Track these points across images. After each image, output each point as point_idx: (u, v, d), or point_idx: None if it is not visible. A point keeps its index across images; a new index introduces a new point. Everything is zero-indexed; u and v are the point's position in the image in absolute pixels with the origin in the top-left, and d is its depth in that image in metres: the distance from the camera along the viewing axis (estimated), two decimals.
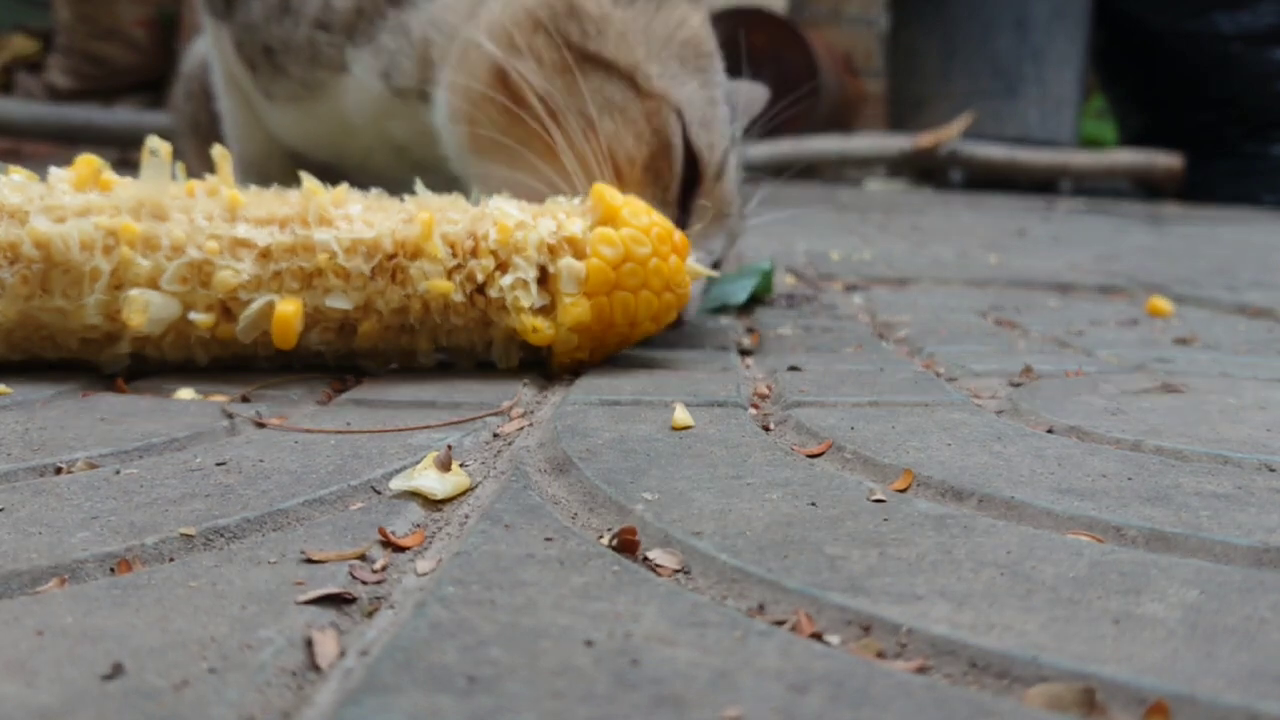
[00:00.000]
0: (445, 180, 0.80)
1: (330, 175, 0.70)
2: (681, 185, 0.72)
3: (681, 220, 0.73)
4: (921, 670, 0.27)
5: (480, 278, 0.58)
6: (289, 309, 0.56)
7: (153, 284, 0.56)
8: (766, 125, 0.87)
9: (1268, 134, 3.28)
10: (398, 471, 0.42)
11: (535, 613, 0.29)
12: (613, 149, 0.70)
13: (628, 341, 0.63)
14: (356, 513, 0.37)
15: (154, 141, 0.59)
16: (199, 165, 1.13)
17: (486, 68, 0.73)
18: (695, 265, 0.64)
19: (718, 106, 0.75)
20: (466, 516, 0.38)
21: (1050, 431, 0.51)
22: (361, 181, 0.67)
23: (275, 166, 0.99)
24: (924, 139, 3.13)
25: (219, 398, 0.54)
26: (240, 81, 0.95)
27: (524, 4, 0.73)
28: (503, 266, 0.59)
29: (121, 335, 0.57)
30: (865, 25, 4.66)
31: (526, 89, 0.70)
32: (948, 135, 3.13)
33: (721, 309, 0.90)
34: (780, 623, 0.29)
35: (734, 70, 0.82)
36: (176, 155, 0.61)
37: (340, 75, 0.85)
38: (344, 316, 0.58)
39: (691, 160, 0.72)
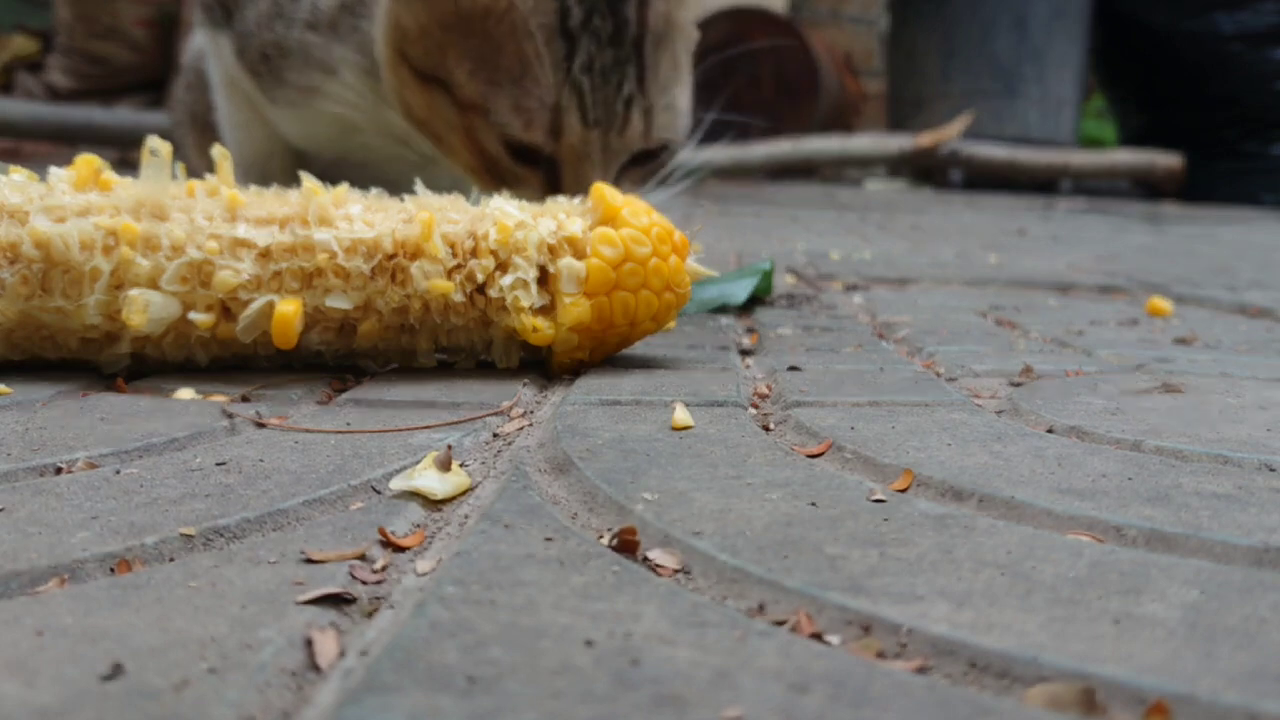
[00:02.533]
0: (453, 174, 0.80)
1: (337, 173, 0.70)
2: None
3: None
4: (921, 670, 0.27)
5: (480, 278, 0.58)
6: (289, 309, 0.56)
7: (153, 284, 0.56)
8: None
9: (1268, 134, 3.29)
10: (398, 471, 0.42)
11: (535, 613, 0.29)
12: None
13: (628, 341, 0.63)
14: (356, 513, 0.37)
15: (154, 141, 0.59)
16: (199, 158, 1.13)
17: (387, 60, 0.78)
18: (695, 265, 0.64)
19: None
20: (466, 516, 0.38)
21: (1050, 431, 0.51)
22: (369, 178, 0.68)
23: (276, 167, 0.99)
24: (924, 139, 3.13)
25: (219, 398, 0.54)
26: (243, 86, 0.95)
27: (394, 17, 0.76)
28: (503, 266, 0.59)
29: (121, 335, 0.57)
30: (865, 25, 4.67)
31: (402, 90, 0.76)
32: (948, 135, 3.13)
33: (721, 309, 0.90)
34: (780, 623, 0.29)
35: (735, 70, 0.83)
36: (176, 151, 0.61)
37: (331, 77, 0.85)
38: (344, 316, 0.58)
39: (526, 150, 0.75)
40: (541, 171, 0.77)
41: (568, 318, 0.59)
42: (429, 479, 0.40)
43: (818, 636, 0.28)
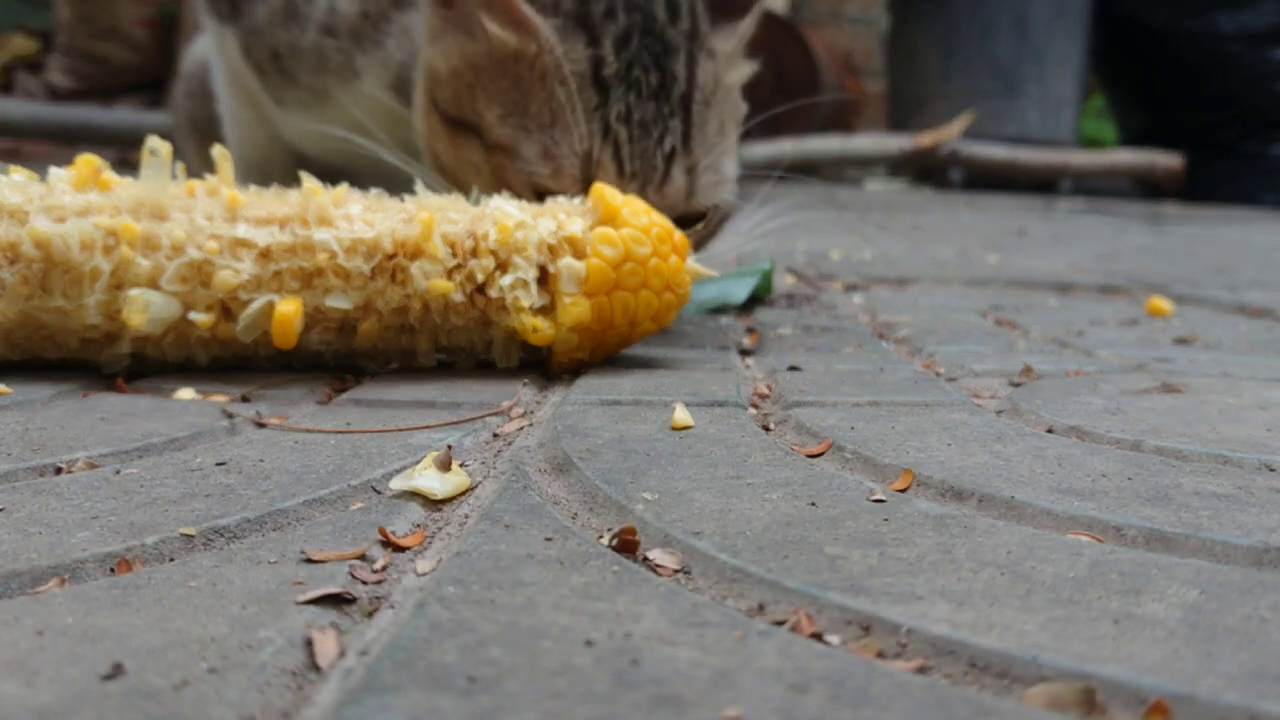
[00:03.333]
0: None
1: (339, 175, 0.70)
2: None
3: None
4: (921, 670, 0.27)
5: (480, 278, 0.58)
6: (289, 309, 0.56)
7: (153, 284, 0.56)
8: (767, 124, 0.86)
9: (1268, 134, 3.29)
10: (398, 471, 0.42)
11: (535, 612, 0.29)
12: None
13: (628, 341, 0.63)
14: (356, 513, 0.37)
15: (154, 141, 0.59)
16: (199, 163, 1.13)
17: (419, 107, 0.76)
18: (695, 265, 0.64)
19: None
20: (466, 516, 0.38)
21: (1050, 431, 0.51)
22: (375, 184, 0.68)
23: (278, 167, 0.98)
24: (924, 139, 3.13)
25: (219, 398, 0.54)
26: (247, 84, 0.94)
27: (429, 61, 0.74)
28: (503, 266, 0.59)
29: (121, 335, 0.57)
30: (865, 25, 4.67)
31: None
32: (948, 135, 3.14)
33: (721, 309, 0.90)
34: (780, 623, 0.29)
35: None
36: (176, 154, 0.61)
37: (349, 83, 0.84)
38: (344, 316, 0.58)
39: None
40: None
41: (568, 318, 0.59)
42: (429, 479, 0.40)
43: (818, 636, 0.28)
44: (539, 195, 0.72)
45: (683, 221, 0.74)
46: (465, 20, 0.71)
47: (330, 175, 0.67)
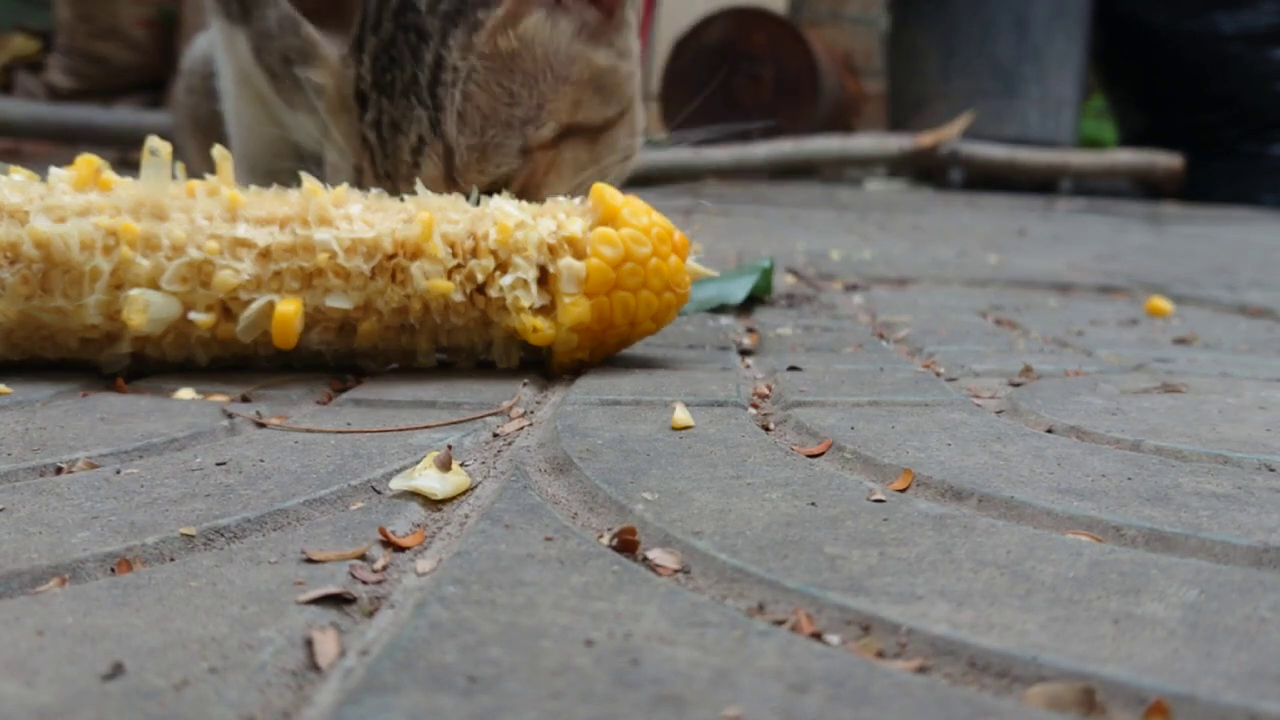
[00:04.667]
0: None
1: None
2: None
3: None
4: (921, 670, 0.27)
5: (480, 278, 0.58)
6: (289, 309, 0.56)
7: (153, 284, 0.56)
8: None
9: (1268, 134, 3.29)
10: (398, 471, 0.42)
11: (535, 612, 0.29)
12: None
13: (628, 341, 0.63)
14: (357, 513, 0.37)
15: (154, 141, 0.59)
16: (199, 161, 1.13)
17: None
18: (695, 265, 0.64)
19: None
20: (466, 516, 0.38)
21: (1050, 431, 0.51)
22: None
23: (282, 167, 0.98)
24: (924, 139, 3.13)
25: (219, 398, 0.54)
26: (257, 85, 0.94)
27: None
28: (503, 266, 0.59)
29: (121, 335, 0.57)
30: (865, 25, 4.67)
31: None
32: (948, 135, 3.14)
33: (721, 308, 0.90)
34: (780, 622, 0.29)
35: (734, 69, 0.82)
36: (176, 153, 0.61)
37: None
38: (344, 316, 0.58)
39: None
40: None
41: (568, 318, 0.59)
42: (429, 479, 0.40)
43: (817, 636, 0.28)
44: None
45: (491, 190, 0.76)
46: None
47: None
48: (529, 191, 0.79)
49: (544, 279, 0.59)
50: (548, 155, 0.79)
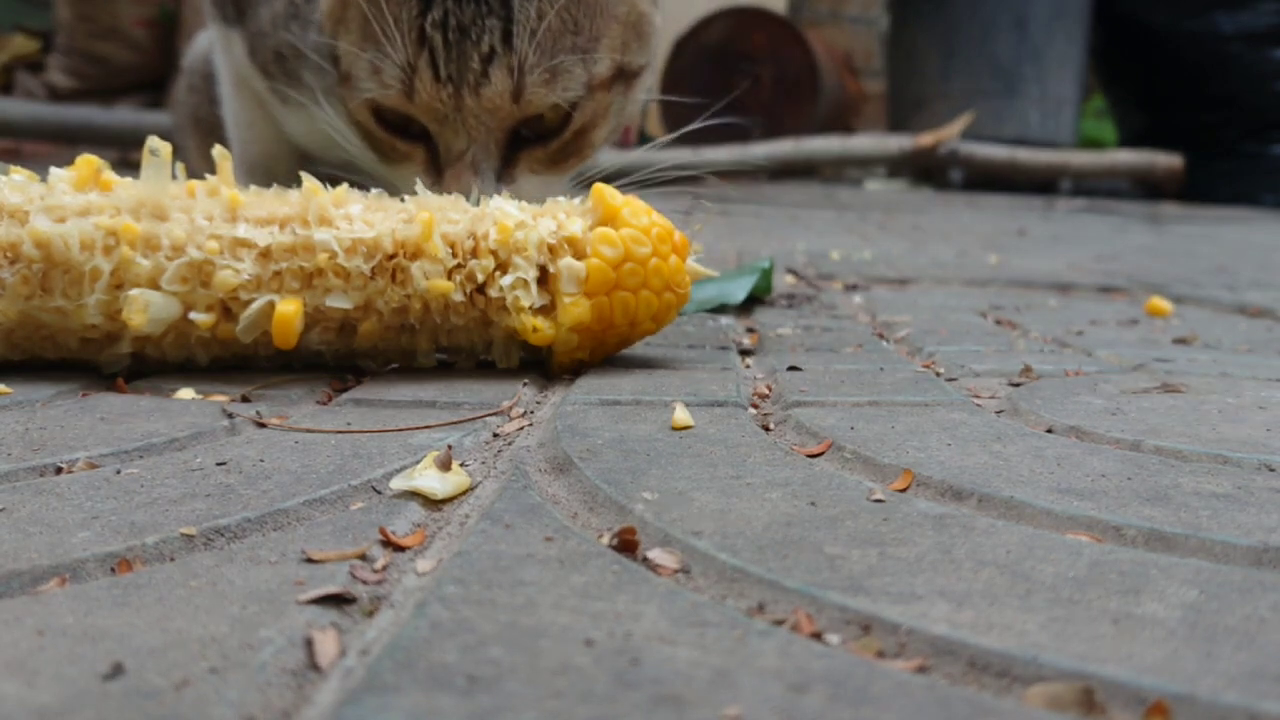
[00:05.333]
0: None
1: (342, 177, 0.70)
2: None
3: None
4: (921, 670, 0.27)
5: (480, 277, 0.58)
6: (289, 309, 0.56)
7: (153, 284, 0.56)
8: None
9: (1268, 134, 3.29)
10: (398, 471, 0.42)
11: (535, 612, 0.29)
12: None
13: (628, 341, 0.63)
14: (357, 512, 0.37)
15: (154, 141, 0.59)
16: (200, 160, 1.13)
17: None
18: (695, 265, 0.64)
19: None
20: (467, 516, 0.38)
21: (1050, 431, 0.51)
22: (377, 185, 0.68)
23: (282, 168, 0.98)
24: (924, 139, 3.13)
25: (219, 398, 0.54)
26: (253, 85, 0.94)
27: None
28: (503, 266, 0.59)
29: (122, 335, 0.57)
30: (865, 25, 4.67)
31: None
32: (948, 135, 3.14)
33: (721, 308, 0.90)
34: (780, 622, 0.29)
35: (734, 69, 0.82)
36: (177, 152, 0.61)
37: None
38: (344, 316, 0.58)
39: None
40: (422, 147, 0.75)
41: (568, 318, 0.59)
42: (429, 479, 0.40)
43: (817, 636, 0.28)
44: (384, 123, 0.73)
45: (535, 135, 0.74)
46: None
47: (334, 176, 0.67)
48: (582, 135, 0.77)
49: (544, 279, 0.59)
50: (604, 97, 0.78)
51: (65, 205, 0.56)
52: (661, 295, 0.61)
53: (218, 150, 0.61)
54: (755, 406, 0.56)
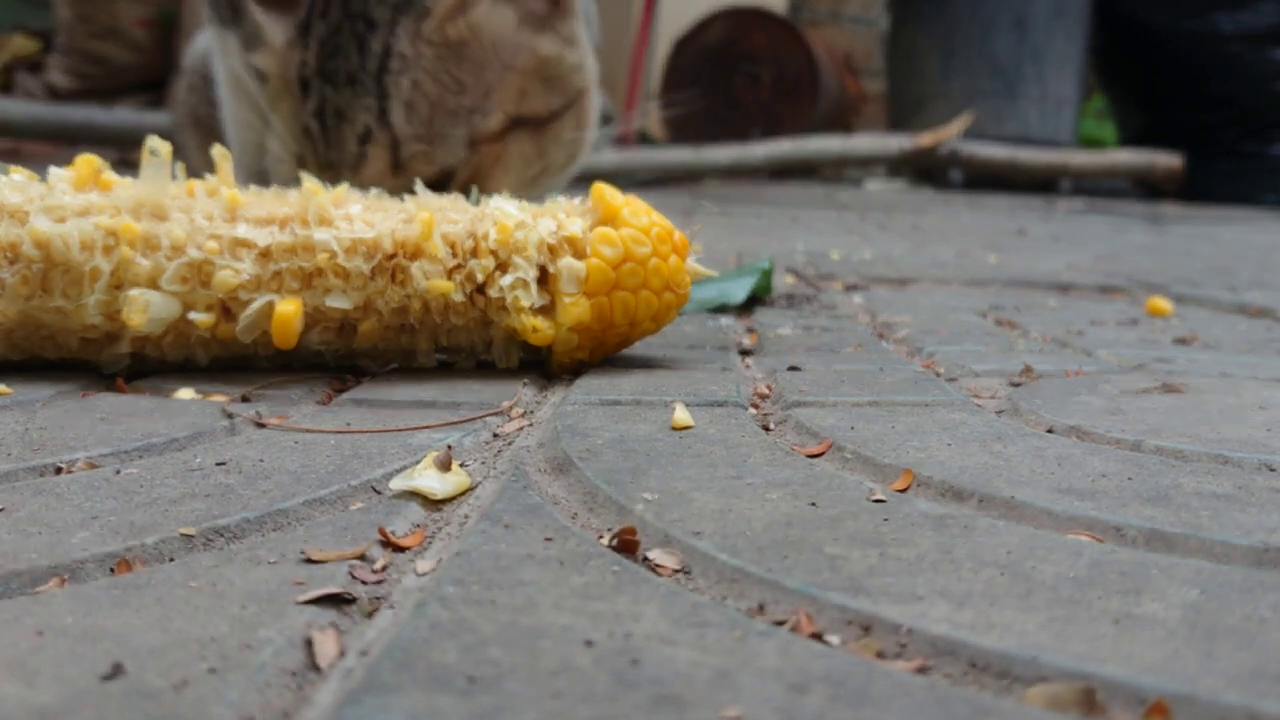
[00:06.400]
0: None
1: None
2: None
3: None
4: (921, 670, 0.27)
5: (480, 278, 0.58)
6: (289, 309, 0.56)
7: (153, 284, 0.56)
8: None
9: (1268, 134, 3.29)
10: (398, 471, 0.42)
11: (535, 612, 0.29)
12: None
13: (628, 341, 0.63)
14: (356, 513, 0.37)
15: (154, 141, 0.59)
16: (200, 160, 1.13)
17: None
18: (695, 265, 0.64)
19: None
20: (466, 516, 0.38)
21: (1050, 431, 0.51)
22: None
23: (282, 169, 0.98)
24: (924, 139, 3.13)
25: (219, 398, 0.54)
26: (247, 86, 0.94)
27: None
28: (503, 266, 0.59)
29: (121, 335, 0.57)
30: (865, 25, 4.67)
31: None
32: (948, 135, 3.14)
33: (721, 308, 0.90)
34: (780, 623, 0.29)
35: (734, 70, 0.82)
36: (177, 152, 0.61)
37: None
38: (344, 316, 0.58)
39: None
40: None
41: (568, 318, 0.59)
42: (429, 479, 0.40)
43: (818, 636, 0.28)
44: None
45: (438, 183, 0.76)
46: None
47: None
48: (479, 183, 0.79)
49: (544, 279, 0.59)
50: (494, 148, 0.78)
51: (65, 205, 0.56)
52: (661, 295, 0.61)
53: (217, 150, 0.61)
54: (755, 406, 0.56)
